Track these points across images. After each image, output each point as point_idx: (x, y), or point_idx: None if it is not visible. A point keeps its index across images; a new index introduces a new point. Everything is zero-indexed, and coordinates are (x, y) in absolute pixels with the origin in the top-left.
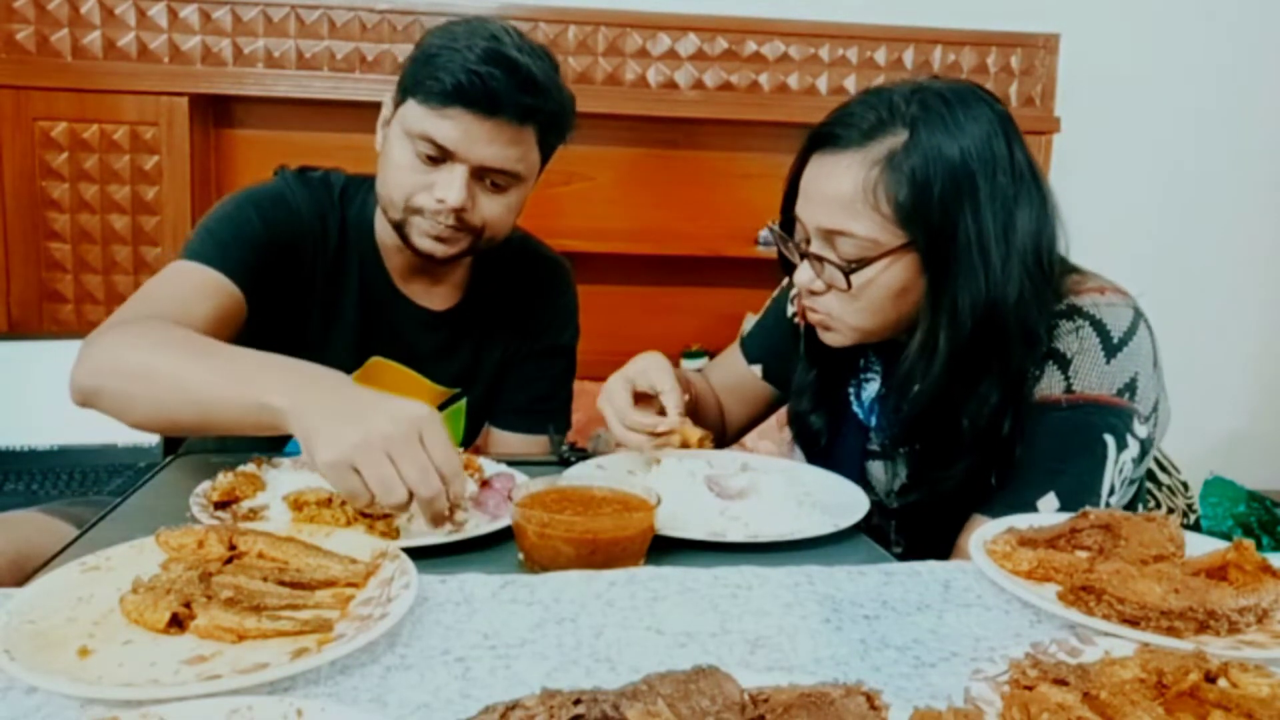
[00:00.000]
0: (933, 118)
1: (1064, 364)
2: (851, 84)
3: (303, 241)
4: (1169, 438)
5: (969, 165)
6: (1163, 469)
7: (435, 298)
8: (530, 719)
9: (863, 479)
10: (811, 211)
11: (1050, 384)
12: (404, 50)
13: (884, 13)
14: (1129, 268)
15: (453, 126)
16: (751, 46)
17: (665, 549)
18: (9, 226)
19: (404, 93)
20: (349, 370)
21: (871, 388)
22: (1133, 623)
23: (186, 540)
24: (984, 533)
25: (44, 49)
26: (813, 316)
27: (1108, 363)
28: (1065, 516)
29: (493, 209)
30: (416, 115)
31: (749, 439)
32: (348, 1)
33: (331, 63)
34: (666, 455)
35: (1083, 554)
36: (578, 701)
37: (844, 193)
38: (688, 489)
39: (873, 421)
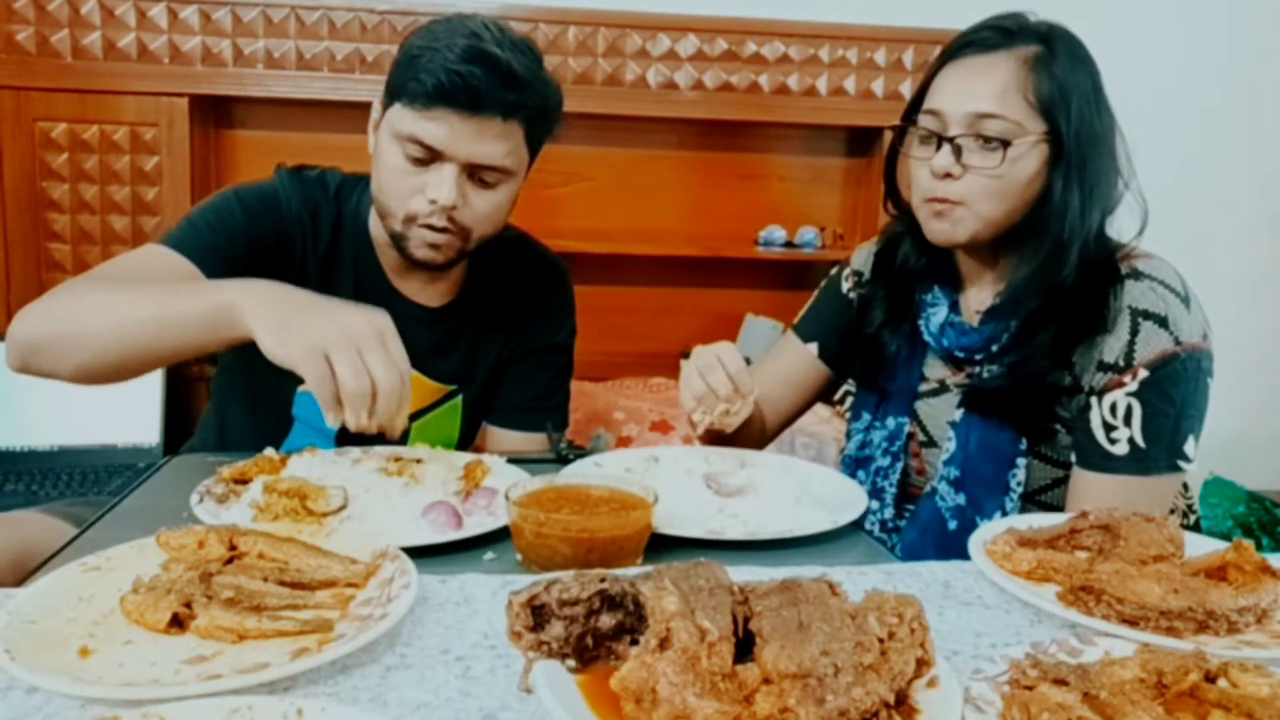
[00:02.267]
0: (1061, 39)
1: (1161, 321)
2: (851, 84)
3: (289, 238)
4: None
5: (1095, 81)
6: None
7: (431, 294)
8: (566, 589)
9: (911, 417)
10: (961, 99)
11: (1159, 340)
12: None
13: (884, 13)
14: None
15: (438, 127)
16: (751, 47)
17: (663, 547)
18: (9, 227)
19: (390, 96)
20: None
21: (940, 313)
22: (1132, 623)
23: (187, 541)
24: (983, 533)
25: (44, 50)
26: (937, 208)
27: (1189, 311)
28: (1064, 518)
29: (484, 205)
30: (403, 118)
31: None
32: (348, 2)
33: (331, 64)
34: (665, 453)
35: (1082, 554)
36: (603, 579)
37: (997, 81)
38: (686, 487)
39: (944, 343)
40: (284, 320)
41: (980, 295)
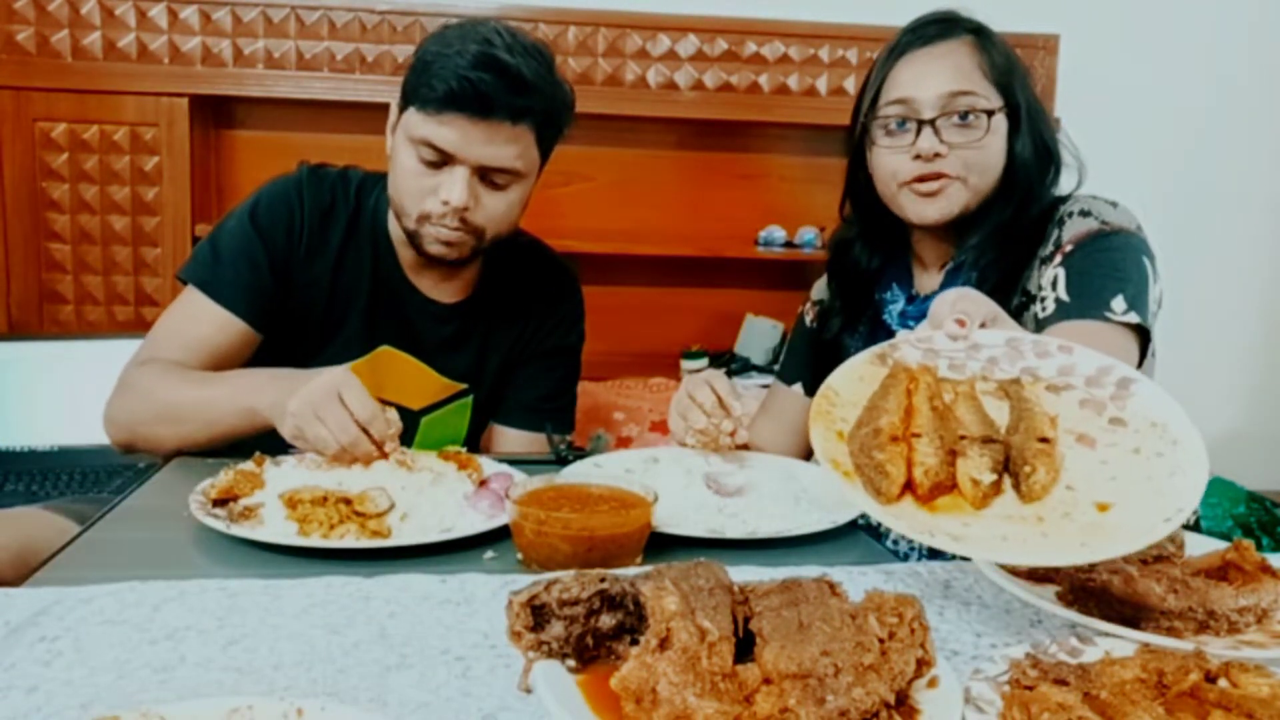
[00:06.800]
0: (986, 28)
1: (1085, 213)
2: (851, 85)
3: (297, 241)
4: None
5: (1024, 66)
6: None
7: (445, 291)
8: (566, 589)
9: None
10: (929, 84)
11: (1084, 223)
12: (404, 51)
13: (884, 13)
14: None
15: (450, 131)
16: (751, 48)
17: (663, 546)
18: (9, 227)
19: (405, 100)
20: (356, 357)
21: (897, 306)
22: (1132, 623)
23: None
24: None
25: (44, 50)
26: (928, 187)
27: (1116, 209)
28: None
29: (495, 206)
30: (416, 122)
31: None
32: (348, 3)
33: (331, 64)
34: (665, 453)
35: None
36: (603, 579)
37: (957, 63)
38: (686, 486)
39: (910, 325)
40: (277, 413)
41: (936, 277)
